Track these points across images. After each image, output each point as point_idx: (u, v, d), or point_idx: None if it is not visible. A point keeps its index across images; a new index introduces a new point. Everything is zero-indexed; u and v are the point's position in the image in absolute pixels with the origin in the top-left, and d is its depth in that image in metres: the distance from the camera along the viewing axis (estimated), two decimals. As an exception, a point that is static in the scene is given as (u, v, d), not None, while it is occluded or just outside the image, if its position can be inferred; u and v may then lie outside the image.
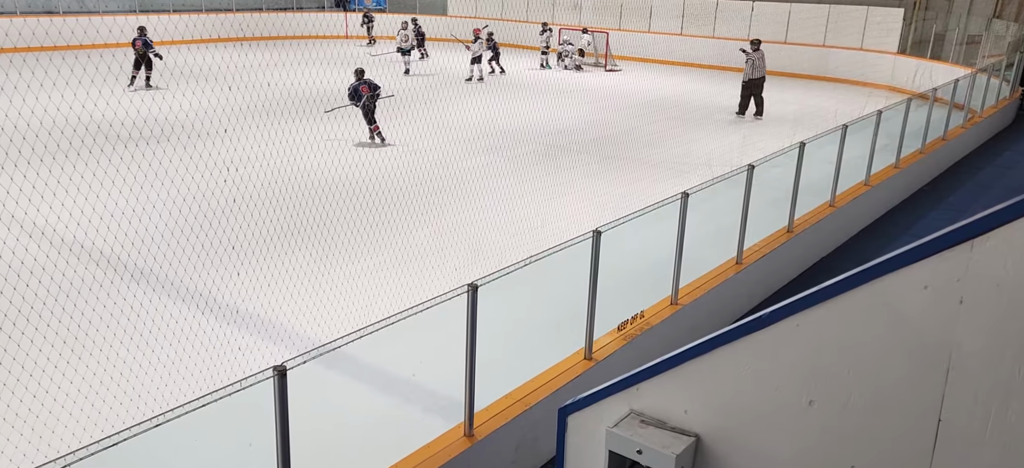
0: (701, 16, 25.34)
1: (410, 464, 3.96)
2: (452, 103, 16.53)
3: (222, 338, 5.82)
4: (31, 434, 4.56)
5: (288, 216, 8.67)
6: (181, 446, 4.19)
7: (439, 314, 3.87)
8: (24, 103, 13.15)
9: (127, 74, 17.16)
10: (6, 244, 7.34)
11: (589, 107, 17.29)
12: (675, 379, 2.93)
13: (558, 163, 12.08)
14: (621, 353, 5.17)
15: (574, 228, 5.28)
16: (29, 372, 5.19)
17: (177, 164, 10.25)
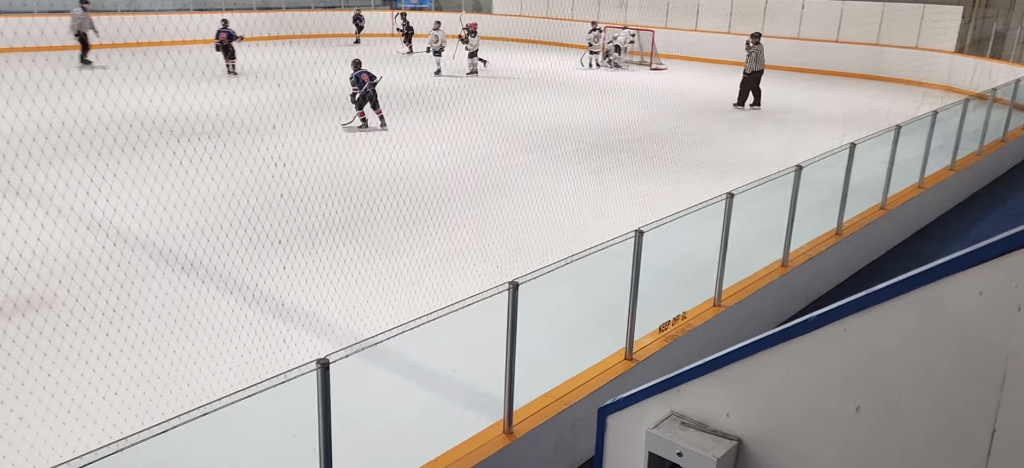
0: (750, 14, 24.90)
1: (449, 459, 3.98)
2: (494, 101, 16.56)
3: (268, 330, 5.94)
4: (85, 418, 4.72)
5: (334, 211, 8.80)
6: (228, 434, 4.28)
7: (480, 311, 3.88)
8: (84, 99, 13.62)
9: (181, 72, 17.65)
10: (65, 235, 7.62)
11: (633, 106, 17.14)
12: (717, 382, 2.89)
13: (601, 162, 12.01)
14: (662, 354, 5.12)
15: (616, 228, 5.24)
16: (85, 359, 5.38)
17: (227, 159, 10.49)
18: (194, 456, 4.15)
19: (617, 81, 21.03)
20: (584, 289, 6.27)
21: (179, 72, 17.63)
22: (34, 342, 5.56)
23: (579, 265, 4.51)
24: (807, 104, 18.13)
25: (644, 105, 17.25)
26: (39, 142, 10.76)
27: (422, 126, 13.33)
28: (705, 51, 24.76)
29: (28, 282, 6.48)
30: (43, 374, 5.15)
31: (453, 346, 5.59)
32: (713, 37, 25.20)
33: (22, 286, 6.43)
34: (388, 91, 16.86)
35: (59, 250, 7.22)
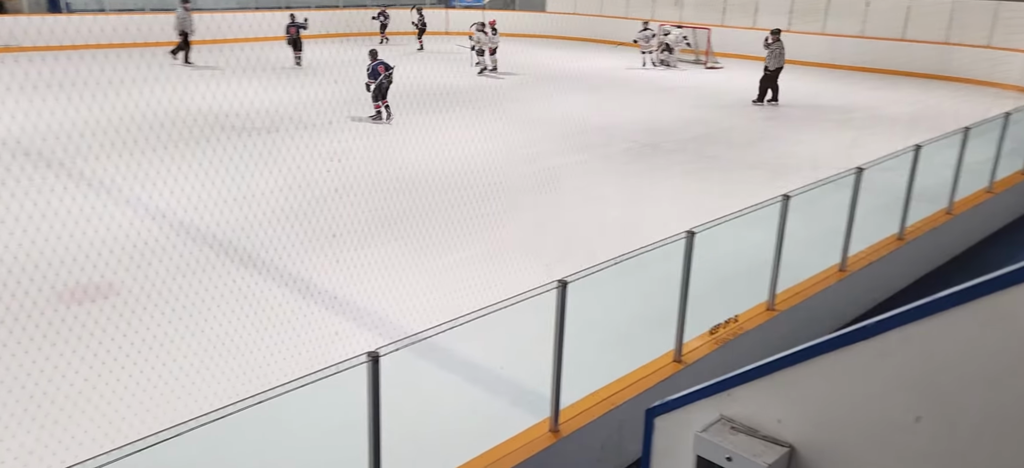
0: (811, 12, 24.27)
1: (496, 456, 4.00)
2: (545, 100, 16.55)
3: (320, 323, 6.07)
4: (148, 401, 4.90)
5: (387, 207, 8.93)
6: (281, 423, 4.39)
7: (528, 309, 3.88)
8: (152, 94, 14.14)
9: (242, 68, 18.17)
10: (132, 225, 7.93)
11: (687, 105, 16.91)
12: (770, 387, 2.82)
13: (653, 162, 11.88)
14: (712, 357, 5.04)
15: (667, 228, 5.17)
16: (149, 344, 5.58)
17: (284, 153, 10.75)
18: (248, 443, 4.27)
19: (671, 80, 20.76)
20: (633, 290, 6.21)
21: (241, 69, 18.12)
22: (102, 327, 5.80)
23: (628, 265, 4.47)
24: (870, 104, 17.58)
25: (698, 105, 17.00)
26: (110, 135, 11.22)
27: (474, 124, 13.41)
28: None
29: (98, 269, 6.76)
30: (109, 358, 5.37)
31: (501, 343, 5.61)
32: (772, 35, 24.65)
33: (92, 273, 6.71)
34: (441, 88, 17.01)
35: (127, 239, 7.51)
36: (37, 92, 14.23)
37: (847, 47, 23.16)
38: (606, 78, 20.64)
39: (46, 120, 11.76)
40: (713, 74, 22.28)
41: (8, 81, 14.82)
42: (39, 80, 15.17)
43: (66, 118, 11.87)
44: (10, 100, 13.31)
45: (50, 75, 15.51)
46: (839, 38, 23.48)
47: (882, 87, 20.15)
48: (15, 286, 6.30)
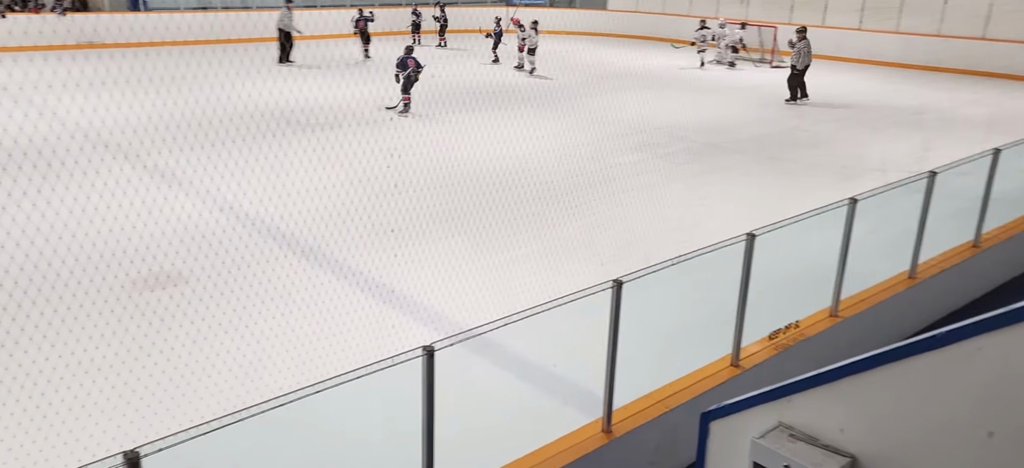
0: (884, 9, 23.41)
1: (548, 454, 4.00)
2: (604, 98, 16.43)
3: (377, 316, 6.17)
4: (212, 386, 5.08)
5: (444, 203, 9.02)
6: (336, 411, 4.48)
7: (583, 308, 3.87)
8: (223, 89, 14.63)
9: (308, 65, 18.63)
10: (201, 216, 8.23)
11: (750, 105, 16.55)
12: (832, 395, 2.75)
13: (713, 162, 11.67)
14: (771, 362, 4.92)
15: (727, 230, 5.08)
16: (215, 331, 5.79)
17: (346, 148, 10.97)
18: (306, 430, 4.38)
19: (735, 80, 20.36)
20: (690, 292, 6.12)
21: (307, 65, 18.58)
22: (172, 314, 6.04)
23: (686, 267, 4.41)
24: (945, 106, 16.86)
25: (762, 104, 16.61)
26: (182, 129, 11.66)
27: (534, 121, 13.42)
28: (832, 48, 23.51)
29: (169, 258, 7.04)
30: (178, 343, 5.59)
31: (555, 341, 5.60)
32: (841, 34, 23.89)
33: (164, 262, 6.99)
34: (500, 86, 17.09)
35: (196, 230, 7.79)
36: (116, 87, 14.90)
37: (922, 46, 22.27)
38: (667, 77, 20.37)
39: (125, 114, 12.31)
40: (779, 73, 21.72)
41: (90, 76, 15.56)
42: (119, 75, 15.88)
43: (143, 112, 12.40)
44: (92, 94, 13.98)
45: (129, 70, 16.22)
46: (913, 37, 22.60)
47: (958, 88, 19.30)
48: (94, 272, 6.61)
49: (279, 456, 4.32)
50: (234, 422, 2.71)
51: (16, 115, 11.86)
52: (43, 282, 6.35)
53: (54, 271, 6.51)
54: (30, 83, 14.76)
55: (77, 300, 6.14)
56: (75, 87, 14.66)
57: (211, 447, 2.71)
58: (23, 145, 10.47)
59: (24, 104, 12.94)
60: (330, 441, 4.48)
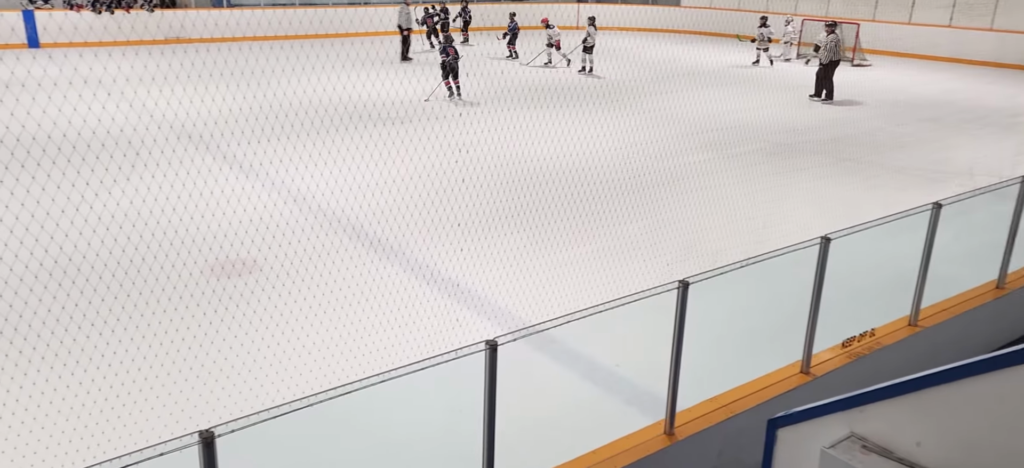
0: (976, 6, 22.24)
1: (609, 453, 3.97)
2: (672, 96, 16.17)
3: (442, 309, 6.25)
4: (282, 371, 5.25)
5: (510, 199, 9.06)
6: (400, 401, 4.57)
7: (647, 308, 3.83)
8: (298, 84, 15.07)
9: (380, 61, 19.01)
10: (276, 206, 8.51)
11: (827, 104, 15.98)
12: (909, 406, 2.64)
13: (786, 163, 11.33)
14: (843, 371, 4.76)
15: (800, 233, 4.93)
16: (286, 319, 5.98)
17: (416, 143, 11.14)
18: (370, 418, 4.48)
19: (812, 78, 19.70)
20: (759, 295, 5.96)
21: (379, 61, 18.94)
22: (246, 300, 6.27)
23: (755, 269, 4.30)
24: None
25: (840, 104, 16.03)
26: (260, 122, 12.08)
27: (599, 119, 13.33)
28: (919, 46, 22.49)
29: (244, 246, 7.31)
30: (252, 328, 5.80)
31: (618, 341, 5.56)
32: (930, 31, 22.81)
33: (239, 249, 7.27)
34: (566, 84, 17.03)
35: (270, 220, 8.06)
36: (201, 81, 15.56)
37: (1018, 44, 21.04)
38: (741, 74, 19.89)
39: (207, 106, 12.84)
40: (860, 72, 20.91)
41: (177, 70, 16.29)
42: (202, 69, 16.56)
43: (223, 105, 12.90)
44: (178, 87, 14.64)
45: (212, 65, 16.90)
46: (1009, 34, 21.38)
47: (1059, 89, 18.17)
48: (174, 257, 6.93)
49: (343, 443, 4.43)
50: (303, 407, 2.79)
51: (109, 107, 12.52)
52: (129, 265, 6.69)
53: (140, 256, 6.85)
54: (122, 76, 15.56)
55: (159, 283, 6.44)
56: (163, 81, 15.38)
57: (279, 430, 2.80)
58: (115, 135, 11.05)
59: (116, 96, 13.65)
60: (393, 431, 4.56)
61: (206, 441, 2.51)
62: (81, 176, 8.93)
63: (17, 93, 13.27)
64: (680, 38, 26.88)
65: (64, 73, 15.70)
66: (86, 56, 18.01)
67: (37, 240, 6.79)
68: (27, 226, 7.19)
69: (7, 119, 10.71)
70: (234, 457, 2.62)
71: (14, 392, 4.84)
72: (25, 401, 4.75)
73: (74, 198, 8.05)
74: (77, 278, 6.42)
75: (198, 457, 2.51)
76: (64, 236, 7.02)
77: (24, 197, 7.90)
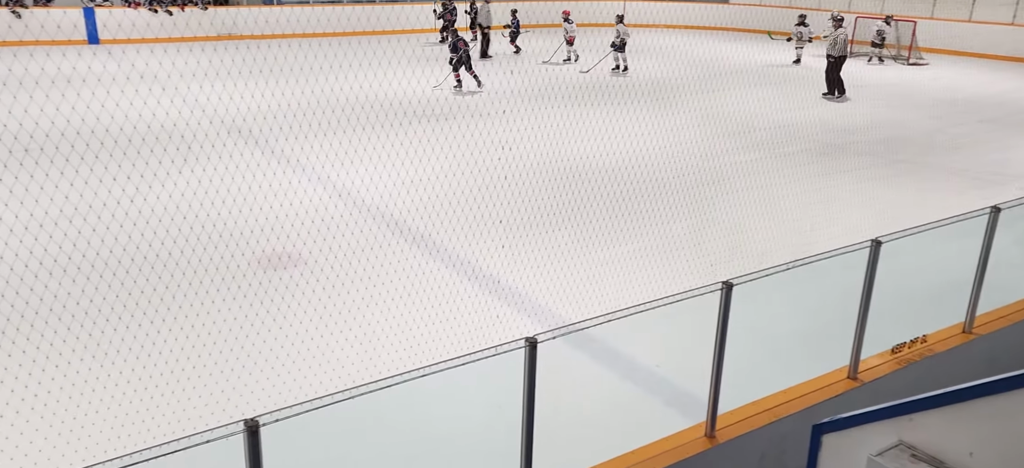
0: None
1: (648, 454, 3.94)
2: (720, 94, 15.92)
3: (482, 305, 6.28)
4: (325, 363, 5.34)
5: (553, 196, 9.04)
6: (440, 396, 4.60)
7: (689, 308, 3.78)
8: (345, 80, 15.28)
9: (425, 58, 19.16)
10: (321, 201, 8.65)
11: (881, 104, 15.56)
12: (962, 415, 2.55)
13: (836, 164, 11.07)
14: (893, 377, 4.63)
15: (849, 236, 4.81)
16: (329, 311, 6.08)
17: (459, 140, 11.20)
18: (410, 412, 4.52)
19: (866, 77, 19.18)
20: (805, 298, 5.84)
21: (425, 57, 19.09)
22: (292, 292, 6.39)
23: (801, 272, 4.21)
24: (1112, 109, 15.22)
25: (895, 104, 15.58)
26: (307, 117, 12.29)
27: (645, 118, 13.21)
28: (979, 45, 21.72)
29: (290, 239, 7.45)
30: (296, 320, 5.91)
31: (659, 341, 5.51)
32: (991, 29, 22.01)
33: (285, 242, 7.41)
34: (612, 82, 16.91)
35: (315, 213, 8.20)
36: (251, 76, 15.89)
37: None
38: (790, 73, 19.49)
39: (258, 102, 13.12)
40: (916, 71, 20.30)
41: (228, 66, 16.66)
42: (253, 65, 16.91)
43: (273, 100, 13.16)
44: (229, 83, 14.98)
45: (263, 61, 17.24)
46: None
47: None
48: (223, 249, 7.10)
49: (383, 436, 4.48)
50: (346, 399, 2.83)
51: (163, 101, 12.89)
52: (180, 256, 6.88)
53: (190, 247, 7.04)
54: (176, 72, 16.00)
55: (207, 275, 6.61)
56: (214, 76, 15.76)
57: (322, 421, 2.85)
58: (168, 129, 11.37)
59: (170, 91, 14.04)
60: (432, 426, 4.60)
61: (251, 429, 2.56)
62: (136, 169, 9.21)
63: (78, 87, 13.75)
64: (728, 35, 26.46)
65: (121, 68, 16.23)
66: (142, 52, 18.59)
67: (94, 230, 7.04)
68: (85, 216, 7.46)
69: (68, 112, 11.11)
70: (277, 446, 2.68)
71: (70, 377, 5.02)
72: (81, 386, 4.93)
73: (128, 190, 8.31)
74: (130, 268, 6.64)
75: (243, 445, 2.57)
76: (119, 227, 7.25)
77: (82, 188, 8.19)
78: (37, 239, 6.68)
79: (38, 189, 7.80)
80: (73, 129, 10.49)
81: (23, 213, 7.28)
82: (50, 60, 16.73)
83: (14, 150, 9.73)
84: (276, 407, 2.75)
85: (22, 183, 7.93)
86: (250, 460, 2.59)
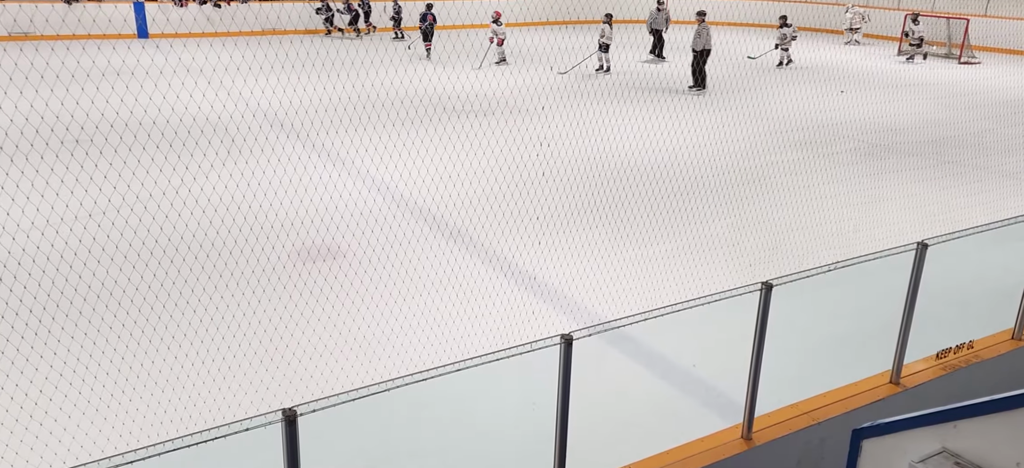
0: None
1: (684, 454, 3.91)
2: (763, 92, 15.66)
3: (518, 301, 6.29)
4: (362, 355, 5.41)
5: (590, 194, 9.01)
6: (475, 391, 4.63)
7: (727, 308, 3.73)
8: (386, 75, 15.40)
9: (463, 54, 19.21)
10: (360, 195, 8.74)
11: (931, 104, 15.15)
12: (1010, 424, 2.48)
13: (883, 164, 10.81)
14: (937, 383, 4.51)
15: (894, 238, 4.71)
16: (367, 304, 6.15)
17: (497, 136, 11.22)
18: (445, 406, 4.55)
19: (915, 76, 18.70)
20: (847, 301, 5.73)
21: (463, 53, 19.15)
22: (330, 285, 6.48)
23: (843, 274, 4.13)
24: None
25: (945, 103, 15.16)
26: (348, 112, 12.44)
27: (687, 115, 13.07)
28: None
29: (330, 232, 7.56)
30: (334, 312, 5.99)
31: (695, 341, 5.45)
32: (1047, 25, 21.25)
33: (325, 236, 7.51)
34: (655, 78, 16.75)
35: (355, 207, 8.30)
36: (294, 71, 16.14)
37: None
38: (838, 71, 19.08)
39: (300, 96, 13.32)
40: (968, 70, 19.71)
41: (272, 60, 16.94)
42: (296, 60, 17.16)
43: (314, 95, 13.35)
44: (272, 77, 15.24)
45: (305, 55, 17.49)
46: None
47: None
48: (264, 241, 7.23)
49: (417, 429, 4.53)
50: (381, 391, 2.86)
51: (209, 95, 13.17)
52: (223, 247, 7.02)
53: (232, 238, 7.19)
54: (222, 66, 16.32)
55: (249, 266, 6.74)
56: (259, 71, 16.05)
57: (358, 412, 2.88)
58: (213, 122, 11.61)
59: (215, 85, 14.33)
60: (467, 420, 4.63)
61: (289, 419, 2.60)
62: (181, 161, 9.43)
63: (127, 80, 14.13)
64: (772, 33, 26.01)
65: (169, 62, 16.61)
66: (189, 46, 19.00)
67: (140, 220, 7.23)
68: (132, 207, 7.66)
69: (117, 105, 11.43)
70: (315, 435, 2.72)
71: (116, 362, 5.17)
72: (126, 372, 5.07)
73: (174, 181, 8.52)
74: (175, 257, 6.80)
75: (280, 434, 2.61)
76: (164, 217, 7.44)
77: (130, 179, 8.42)
78: (86, 228, 6.89)
79: (88, 179, 8.04)
80: (122, 121, 10.79)
81: (73, 202, 7.51)
82: (101, 54, 17.22)
83: (66, 141, 10.04)
84: (313, 397, 2.79)
85: (73, 173, 8.18)
86: (288, 449, 2.63)
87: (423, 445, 4.51)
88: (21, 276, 6.14)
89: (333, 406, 2.68)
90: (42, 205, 7.46)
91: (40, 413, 4.60)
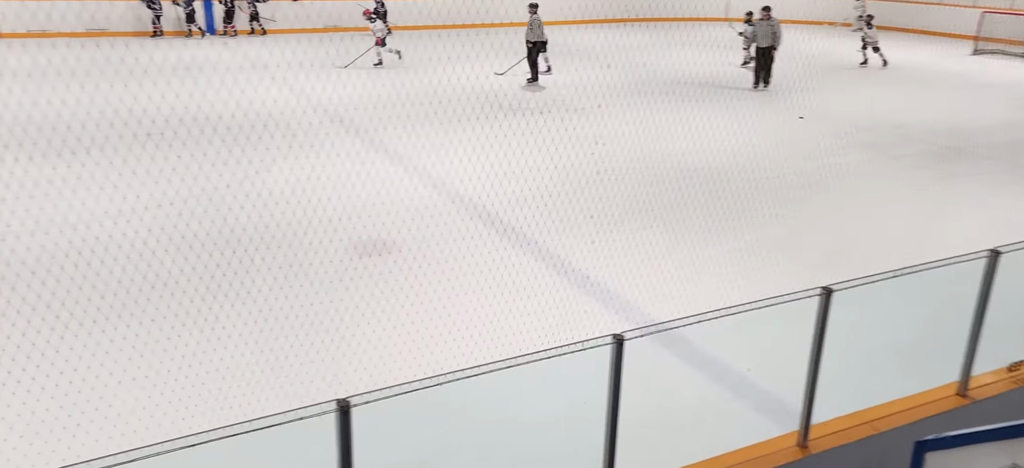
0: None
1: (737, 459, 3.84)
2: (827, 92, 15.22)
3: (569, 299, 6.27)
4: (416, 350, 5.48)
5: (646, 193, 8.92)
6: (525, 388, 4.64)
7: (785, 313, 3.65)
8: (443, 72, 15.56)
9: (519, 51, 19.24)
10: (416, 190, 8.86)
11: (1007, 105, 14.47)
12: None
13: (953, 167, 10.38)
14: (1007, 397, 4.32)
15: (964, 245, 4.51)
16: (421, 299, 6.23)
17: (553, 134, 11.21)
18: (496, 402, 4.58)
19: (990, 75, 17.90)
20: (911, 309, 5.53)
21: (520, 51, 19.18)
22: (385, 279, 6.58)
23: (908, 281, 3.98)
24: None
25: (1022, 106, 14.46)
26: (406, 108, 12.61)
27: (746, 115, 12.81)
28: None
29: (386, 227, 7.68)
30: (389, 306, 6.09)
31: (750, 345, 5.35)
32: None
33: (381, 230, 7.64)
34: (708, 78, 16.46)
35: (410, 203, 8.41)
36: (353, 67, 16.44)
37: None
38: (905, 70, 18.41)
39: (359, 92, 13.58)
40: (1047, 69, 18.76)
41: (333, 57, 17.30)
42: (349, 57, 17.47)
43: (373, 91, 13.59)
44: (334, 74, 15.57)
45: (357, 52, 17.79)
46: None
47: None
48: (322, 234, 7.39)
49: (467, 423, 4.56)
50: (434, 385, 2.89)
51: (272, 90, 13.53)
52: (282, 239, 7.21)
53: (292, 231, 7.37)
54: (284, 62, 16.75)
55: (306, 258, 6.90)
56: (319, 67, 16.40)
57: (411, 405, 2.93)
58: (275, 117, 11.92)
59: (279, 81, 14.72)
60: (517, 417, 4.65)
61: (342, 409, 2.66)
62: (244, 154, 9.71)
63: (195, 76, 14.64)
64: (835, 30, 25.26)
65: (235, 58, 17.13)
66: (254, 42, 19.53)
67: (206, 211, 7.49)
68: (197, 198, 7.94)
69: (185, 99, 11.85)
70: (368, 426, 2.77)
71: (177, 350, 5.36)
72: (189, 358, 5.26)
73: (238, 174, 8.78)
74: (236, 248, 7.01)
75: (334, 424, 2.67)
76: (227, 209, 7.68)
77: (197, 172, 8.72)
78: (155, 218, 7.17)
79: (158, 171, 8.36)
80: (190, 115, 11.18)
81: (144, 193, 7.83)
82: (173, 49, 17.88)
83: (138, 134, 10.46)
84: (367, 389, 2.85)
85: (144, 165, 8.53)
86: (341, 439, 2.69)
87: (473, 439, 4.54)
88: (95, 264, 6.44)
89: (386, 398, 2.73)
90: (115, 195, 7.80)
91: (110, 395, 4.81)
